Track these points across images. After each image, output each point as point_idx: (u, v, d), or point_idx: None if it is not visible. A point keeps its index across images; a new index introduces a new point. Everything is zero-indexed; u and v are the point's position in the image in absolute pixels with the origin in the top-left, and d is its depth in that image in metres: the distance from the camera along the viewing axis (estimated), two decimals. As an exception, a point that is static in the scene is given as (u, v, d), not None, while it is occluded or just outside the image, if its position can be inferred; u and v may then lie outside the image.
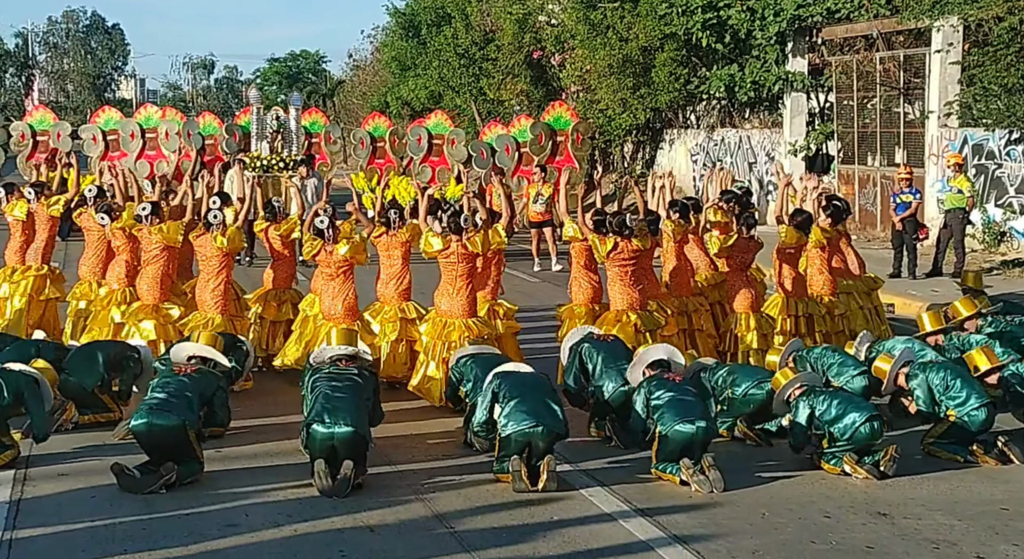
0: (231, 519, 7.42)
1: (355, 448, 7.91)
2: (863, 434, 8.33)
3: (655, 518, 7.51)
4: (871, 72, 23.24)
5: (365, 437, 8.00)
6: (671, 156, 31.11)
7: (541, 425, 8.02)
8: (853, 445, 8.35)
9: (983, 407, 8.80)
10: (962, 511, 7.78)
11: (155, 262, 10.94)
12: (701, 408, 8.38)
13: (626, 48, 27.59)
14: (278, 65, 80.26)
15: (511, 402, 8.16)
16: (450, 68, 36.31)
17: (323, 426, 7.85)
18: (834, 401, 8.51)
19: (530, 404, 8.13)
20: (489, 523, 7.44)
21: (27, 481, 8.12)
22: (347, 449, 7.87)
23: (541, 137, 23.56)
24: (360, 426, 7.94)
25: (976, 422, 8.76)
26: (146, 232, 10.91)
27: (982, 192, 19.93)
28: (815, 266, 11.62)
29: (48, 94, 67.69)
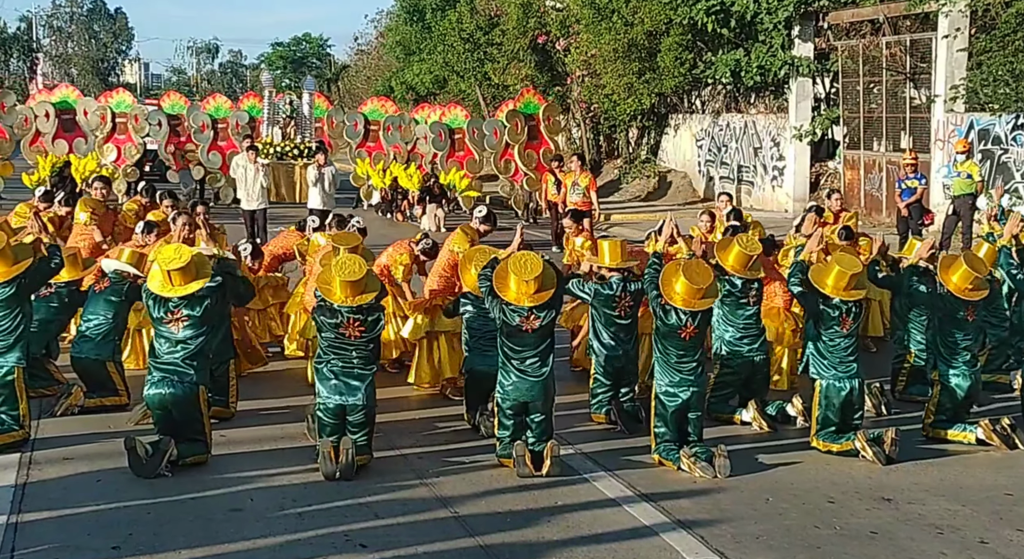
0: (236, 503, 7.44)
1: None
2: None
3: (659, 503, 7.52)
4: (877, 57, 23.16)
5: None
6: (676, 142, 31.07)
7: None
8: None
9: (968, 375, 9.01)
10: (966, 496, 7.79)
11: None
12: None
13: (631, 33, 27.52)
14: (282, 49, 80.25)
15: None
16: (454, 53, 36.27)
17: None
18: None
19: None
20: (493, 508, 7.46)
21: (32, 465, 8.13)
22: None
23: (516, 125, 24.24)
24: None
25: (961, 389, 9.00)
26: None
27: (988, 177, 19.89)
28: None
29: (52, 78, 67.63)
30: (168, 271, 8.10)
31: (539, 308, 8.18)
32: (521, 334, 8.18)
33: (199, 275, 8.22)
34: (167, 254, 8.20)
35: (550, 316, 8.26)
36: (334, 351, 8.09)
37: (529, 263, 8.19)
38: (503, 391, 8.23)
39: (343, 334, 8.04)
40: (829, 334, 8.69)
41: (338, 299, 8.02)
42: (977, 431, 8.90)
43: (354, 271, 8.02)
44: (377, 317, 8.16)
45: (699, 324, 8.37)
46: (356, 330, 8.03)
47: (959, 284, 8.99)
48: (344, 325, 8.02)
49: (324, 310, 8.11)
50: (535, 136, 25.11)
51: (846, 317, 8.67)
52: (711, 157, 29.10)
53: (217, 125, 26.48)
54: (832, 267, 8.67)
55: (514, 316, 8.16)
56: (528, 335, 8.19)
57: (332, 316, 8.05)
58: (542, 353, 8.25)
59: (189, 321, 8.14)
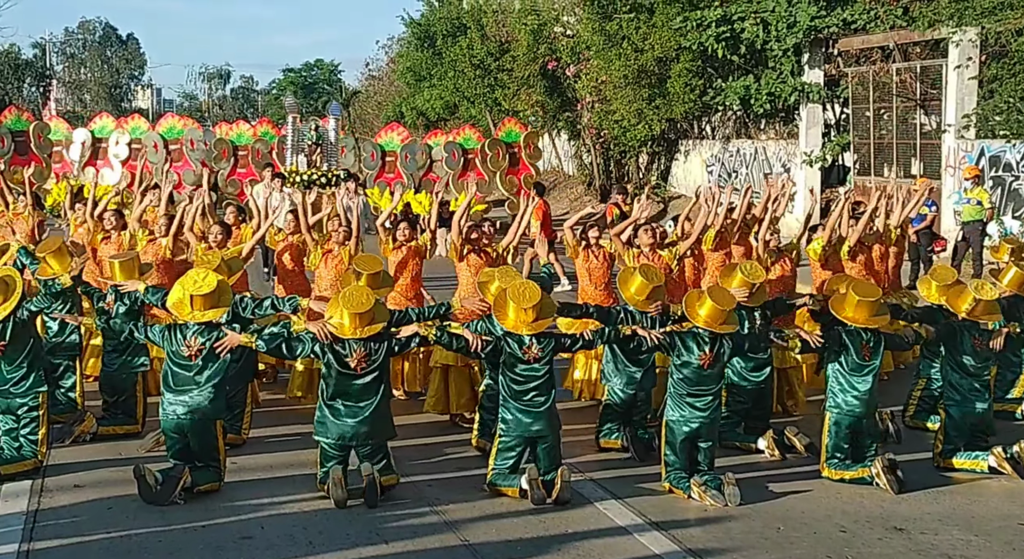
0: (247, 531, 7.44)
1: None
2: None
3: (670, 532, 7.50)
4: (887, 83, 23.20)
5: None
6: (686, 167, 31.13)
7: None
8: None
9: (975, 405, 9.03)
10: (979, 526, 7.75)
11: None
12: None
13: (641, 59, 27.62)
14: (293, 75, 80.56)
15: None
16: (465, 78, 36.42)
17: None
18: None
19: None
20: (503, 535, 7.44)
21: (44, 492, 8.15)
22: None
23: (499, 152, 24.80)
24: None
25: (968, 419, 9.02)
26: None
27: (999, 204, 19.87)
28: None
29: (65, 104, 68.03)
30: (192, 295, 8.11)
31: (539, 337, 8.19)
32: (523, 364, 8.19)
33: (220, 303, 8.25)
34: (193, 278, 8.22)
35: (550, 346, 8.28)
36: (338, 383, 8.08)
37: (527, 291, 8.22)
38: (506, 425, 8.24)
39: (349, 365, 8.03)
40: (851, 362, 8.70)
41: (347, 332, 8.00)
42: (989, 459, 8.86)
43: (362, 302, 8.02)
44: (384, 349, 8.14)
45: (717, 355, 8.37)
46: (362, 362, 8.04)
47: (969, 308, 9.01)
48: (351, 356, 8.02)
49: (335, 344, 8.09)
50: (516, 163, 25.80)
51: (866, 345, 8.69)
52: (721, 183, 29.12)
53: (238, 152, 26.61)
54: (852, 296, 8.68)
55: (514, 345, 8.18)
56: (530, 366, 8.20)
57: (341, 348, 8.05)
58: (543, 385, 8.25)
59: (205, 350, 8.16)
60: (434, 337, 8.38)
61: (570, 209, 35.67)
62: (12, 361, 8.55)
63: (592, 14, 28.82)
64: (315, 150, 23.39)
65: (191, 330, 8.16)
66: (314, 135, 23.45)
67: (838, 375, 8.73)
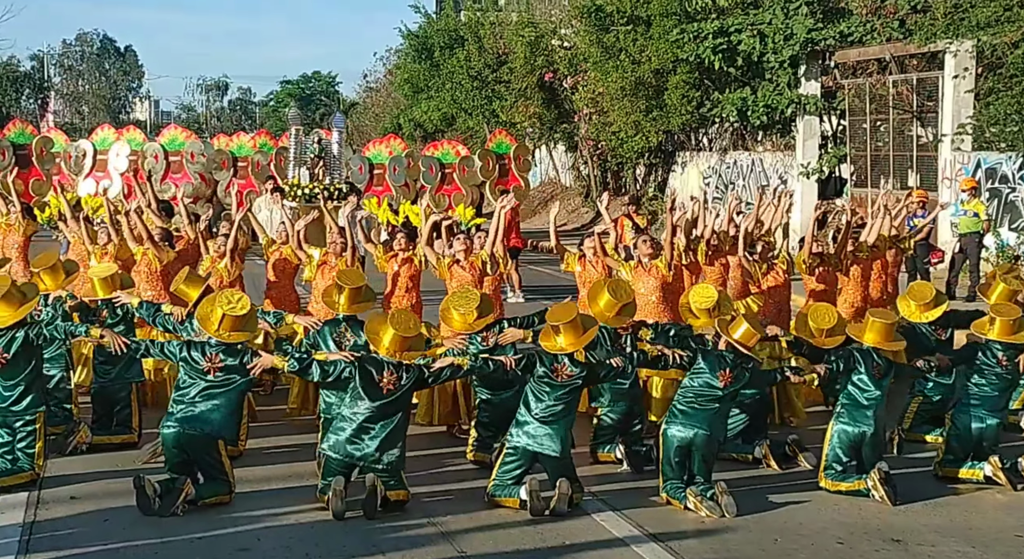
0: (244, 543, 7.42)
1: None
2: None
3: (667, 543, 7.49)
4: (884, 95, 23.25)
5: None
6: (683, 179, 31.14)
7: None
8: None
9: (982, 418, 8.99)
10: (976, 538, 7.75)
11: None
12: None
13: (638, 71, 27.67)
14: (291, 87, 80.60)
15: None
16: (463, 90, 36.48)
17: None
18: None
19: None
20: (500, 546, 7.43)
21: (40, 504, 8.13)
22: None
23: (488, 162, 24.98)
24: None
25: (973, 432, 8.98)
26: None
27: (996, 216, 19.90)
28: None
29: (63, 116, 68.07)
30: (224, 314, 8.12)
31: (574, 361, 8.28)
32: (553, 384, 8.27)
33: (247, 327, 8.30)
34: (227, 297, 8.27)
35: (581, 374, 8.32)
36: (358, 401, 8.09)
37: (569, 309, 8.46)
38: (515, 438, 8.26)
39: (377, 385, 8.06)
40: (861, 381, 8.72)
41: (384, 351, 8.07)
42: (985, 468, 8.85)
43: (409, 327, 8.16)
44: (415, 379, 8.19)
45: (736, 377, 8.41)
46: (389, 384, 8.06)
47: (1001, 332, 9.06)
48: (383, 380, 8.05)
49: (367, 358, 8.17)
50: (506, 174, 26.05)
51: (877, 366, 8.71)
52: (718, 194, 29.14)
53: (237, 163, 26.60)
54: (871, 321, 8.80)
55: (547, 364, 8.28)
56: (559, 385, 8.27)
57: (374, 367, 8.09)
58: (565, 408, 8.34)
59: (224, 366, 8.18)
60: (469, 366, 8.46)
61: (567, 220, 35.72)
62: (11, 378, 8.50)
63: (589, 26, 28.89)
64: (318, 163, 23.02)
65: (213, 347, 8.18)
66: (317, 148, 23.10)
67: (849, 388, 8.74)
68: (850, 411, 8.70)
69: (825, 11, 24.67)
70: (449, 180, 25.79)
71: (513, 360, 8.40)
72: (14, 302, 8.51)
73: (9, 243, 12.89)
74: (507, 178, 26.37)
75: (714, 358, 8.46)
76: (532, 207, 40.15)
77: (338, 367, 8.08)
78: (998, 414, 9.13)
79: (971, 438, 9.00)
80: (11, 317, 8.46)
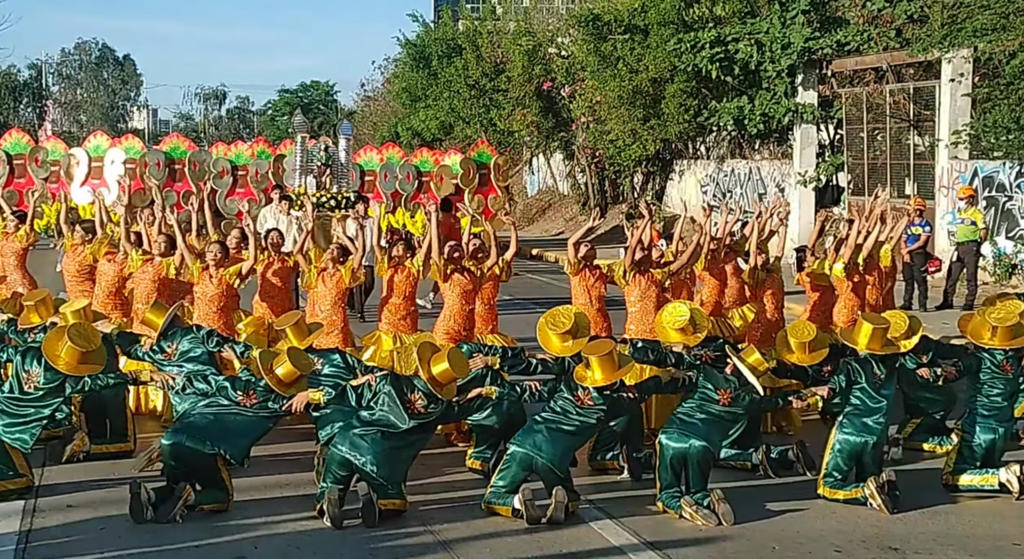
0: (240, 551, 7.41)
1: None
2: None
3: (664, 551, 7.48)
4: (881, 104, 23.30)
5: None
6: (681, 187, 31.19)
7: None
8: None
9: (993, 429, 8.95)
10: (975, 546, 7.74)
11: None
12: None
13: (636, 80, 27.72)
14: (289, 96, 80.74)
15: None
16: (460, 99, 36.54)
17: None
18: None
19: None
20: (498, 555, 7.42)
21: (36, 512, 8.12)
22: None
23: (469, 171, 25.15)
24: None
25: (985, 443, 8.92)
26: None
27: (993, 225, 19.92)
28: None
29: (61, 125, 68.09)
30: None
31: (601, 391, 8.34)
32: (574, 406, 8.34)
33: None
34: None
35: (602, 404, 8.39)
36: (384, 413, 8.13)
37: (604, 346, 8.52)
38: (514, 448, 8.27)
39: (407, 401, 8.12)
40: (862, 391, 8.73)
41: (424, 374, 8.15)
42: (1000, 473, 8.80)
43: (460, 368, 8.28)
44: (442, 411, 8.29)
45: (736, 398, 8.50)
46: (417, 407, 8.11)
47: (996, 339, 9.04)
48: (411, 400, 8.11)
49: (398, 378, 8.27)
50: (485, 183, 26.20)
51: (876, 375, 8.71)
52: (716, 203, 29.18)
53: (237, 172, 26.62)
54: (863, 325, 8.78)
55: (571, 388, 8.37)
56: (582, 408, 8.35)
57: (406, 385, 8.18)
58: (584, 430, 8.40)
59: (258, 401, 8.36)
60: (497, 395, 8.50)
61: (565, 228, 35.73)
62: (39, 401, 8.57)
63: (587, 35, 28.95)
64: (324, 171, 22.18)
65: (255, 385, 8.38)
66: (323, 156, 22.36)
67: (852, 398, 8.73)
68: (853, 421, 8.67)
69: (822, 20, 24.75)
70: (425, 188, 25.88)
71: (538, 385, 8.51)
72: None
73: (7, 251, 12.88)
74: (486, 188, 26.54)
75: (718, 377, 8.53)
76: (530, 215, 40.18)
77: (372, 387, 8.18)
78: (1007, 423, 9.10)
79: (984, 448, 8.95)
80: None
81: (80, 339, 8.41)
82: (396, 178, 24.97)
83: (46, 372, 8.44)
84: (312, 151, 22.17)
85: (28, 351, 8.72)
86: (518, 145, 39.54)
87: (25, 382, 8.47)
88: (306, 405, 8.39)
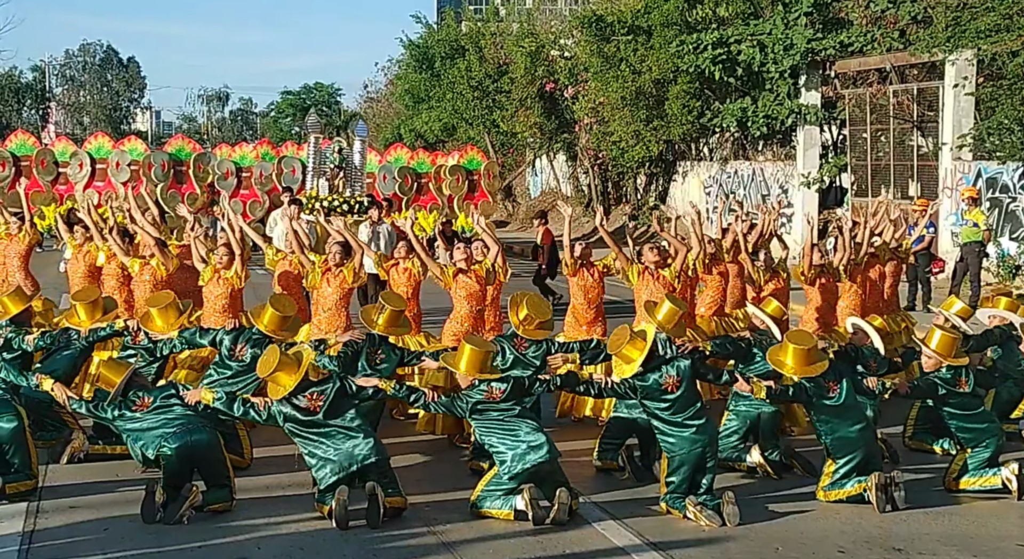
0: (243, 552, 7.41)
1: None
2: None
3: (668, 552, 7.47)
4: (884, 105, 23.28)
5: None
6: (684, 188, 31.18)
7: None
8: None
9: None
10: (978, 547, 7.72)
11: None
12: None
13: (639, 81, 27.73)
14: (292, 97, 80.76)
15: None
16: (463, 100, 36.55)
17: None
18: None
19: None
20: (500, 556, 7.41)
21: (39, 513, 8.11)
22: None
23: (459, 178, 25.17)
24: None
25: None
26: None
27: (997, 226, 19.90)
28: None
29: (64, 126, 68.15)
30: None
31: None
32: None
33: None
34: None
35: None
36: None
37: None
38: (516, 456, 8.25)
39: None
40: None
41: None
42: (1002, 471, 8.78)
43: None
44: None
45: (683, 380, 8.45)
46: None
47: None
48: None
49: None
50: (475, 189, 26.28)
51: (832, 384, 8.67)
52: (719, 204, 29.18)
53: (241, 173, 26.71)
54: (787, 346, 8.56)
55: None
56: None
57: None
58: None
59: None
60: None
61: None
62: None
63: (590, 36, 28.96)
64: (337, 174, 21.53)
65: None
66: (337, 158, 21.57)
67: (821, 418, 8.65)
68: (835, 432, 8.61)
69: (825, 21, 24.74)
70: (425, 190, 25.89)
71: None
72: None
73: (11, 252, 12.89)
74: (475, 194, 26.57)
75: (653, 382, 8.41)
76: (533, 216, 40.17)
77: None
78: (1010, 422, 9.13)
79: (991, 456, 8.91)
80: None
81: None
82: (395, 181, 24.97)
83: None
84: (325, 153, 21.38)
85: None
86: (521, 146, 39.56)
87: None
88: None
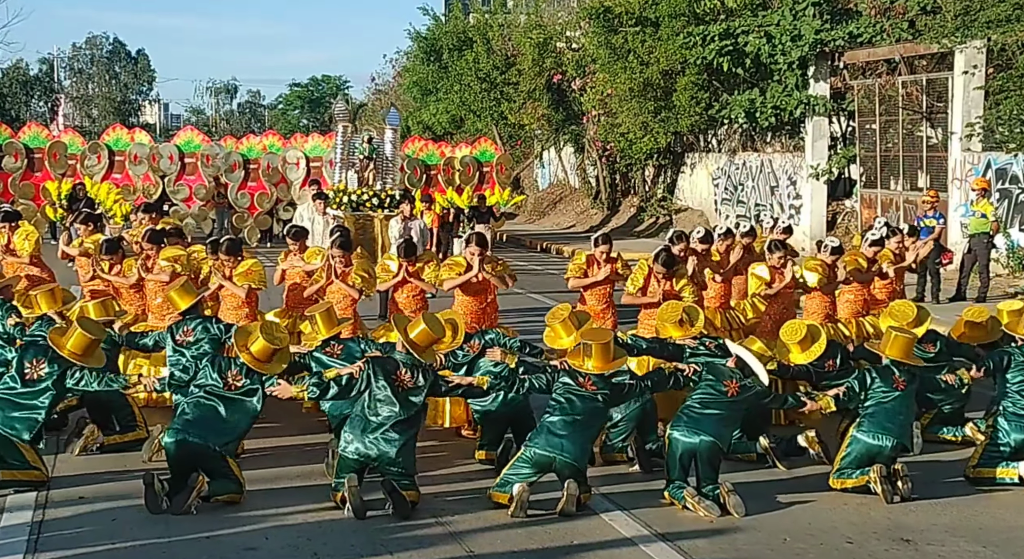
0: (251, 543, 7.41)
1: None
2: None
3: (676, 543, 7.46)
4: (893, 96, 23.21)
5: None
6: (692, 180, 31.14)
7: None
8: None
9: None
10: (987, 537, 7.71)
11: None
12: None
13: (647, 72, 27.67)
14: (300, 90, 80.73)
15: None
16: (471, 92, 36.53)
17: None
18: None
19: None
20: (508, 546, 7.41)
21: (48, 504, 8.13)
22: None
23: (469, 168, 25.10)
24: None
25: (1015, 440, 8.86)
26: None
27: (1006, 217, 19.84)
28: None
29: (72, 119, 68.15)
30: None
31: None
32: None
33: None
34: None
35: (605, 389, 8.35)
36: (378, 401, 8.12)
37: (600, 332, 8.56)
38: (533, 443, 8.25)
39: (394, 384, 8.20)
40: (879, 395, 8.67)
41: (404, 339, 8.28)
42: (1020, 467, 8.75)
43: (438, 328, 8.38)
44: (429, 381, 8.34)
45: (743, 387, 8.49)
46: (406, 382, 8.19)
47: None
48: (398, 377, 8.20)
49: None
50: (485, 181, 26.21)
51: (898, 378, 8.65)
52: (727, 196, 29.13)
53: (248, 166, 26.80)
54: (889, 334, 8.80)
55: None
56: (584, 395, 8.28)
57: (390, 364, 8.25)
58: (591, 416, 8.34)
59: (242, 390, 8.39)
60: (489, 384, 8.57)
61: (576, 222, 35.69)
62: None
63: (598, 28, 28.91)
64: (367, 166, 20.22)
65: (237, 365, 8.42)
66: (367, 148, 20.25)
67: (872, 399, 8.67)
68: (871, 421, 8.60)
69: (833, 12, 24.67)
70: (433, 182, 25.91)
71: (530, 379, 8.49)
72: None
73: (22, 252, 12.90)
74: (488, 185, 26.56)
75: (721, 369, 8.50)
76: (541, 209, 40.15)
77: (353, 378, 8.16)
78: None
79: (1012, 447, 8.87)
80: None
81: (91, 328, 8.49)
82: (405, 173, 25.00)
83: (50, 363, 8.48)
84: (354, 143, 20.42)
85: (31, 344, 8.81)
86: (529, 138, 39.52)
87: (28, 372, 8.50)
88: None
